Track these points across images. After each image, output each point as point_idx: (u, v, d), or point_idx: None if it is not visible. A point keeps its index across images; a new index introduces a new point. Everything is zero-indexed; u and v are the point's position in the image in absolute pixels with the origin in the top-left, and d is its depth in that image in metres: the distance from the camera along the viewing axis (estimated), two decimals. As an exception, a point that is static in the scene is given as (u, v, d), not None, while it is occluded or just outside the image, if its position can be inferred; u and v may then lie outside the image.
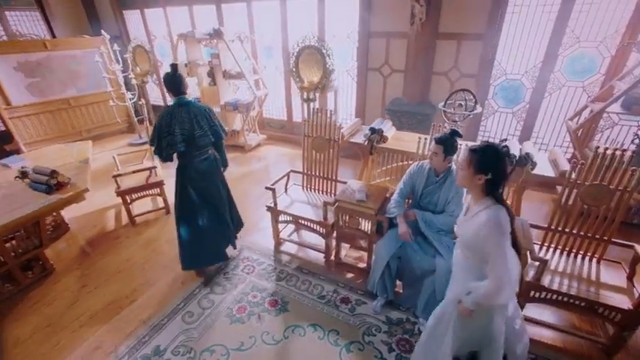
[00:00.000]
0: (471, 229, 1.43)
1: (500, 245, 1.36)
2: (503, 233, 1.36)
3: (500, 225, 1.36)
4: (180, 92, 2.29)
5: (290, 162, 4.76)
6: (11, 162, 3.14)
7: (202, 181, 2.44)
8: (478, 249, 1.43)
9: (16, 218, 2.31)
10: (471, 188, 1.48)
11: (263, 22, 4.89)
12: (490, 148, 1.40)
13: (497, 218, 1.36)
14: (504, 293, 1.36)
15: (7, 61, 4.62)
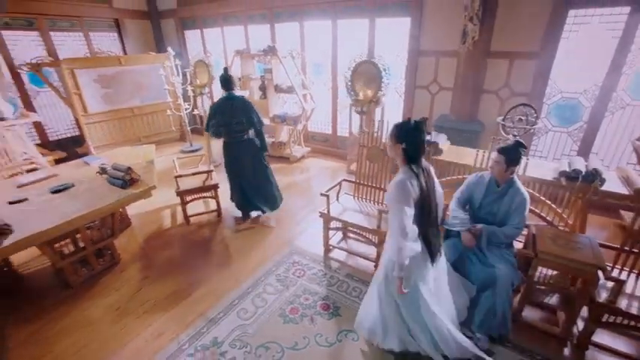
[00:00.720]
0: (388, 190, 1.70)
1: (393, 203, 1.62)
2: (399, 193, 1.60)
3: (400, 186, 1.61)
4: (229, 88, 3.10)
5: (332, 175, 4.86)
6: (90, 160, 3.47)
7: (236, 157, 3.24)
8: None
9: (99, 208, 2.55)
10: (395, 157, 1.74)
11: (314, 40, 5.14)
12: (404, 123, 1.69)
13: (403, 182, 1.61)
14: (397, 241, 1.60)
15: (89, 74, 5.17)
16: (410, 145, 1.65)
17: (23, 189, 2.90)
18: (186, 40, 6.71)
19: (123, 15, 6.19)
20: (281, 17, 5.27)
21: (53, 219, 2.38)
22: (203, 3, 5.94)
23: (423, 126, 1.66)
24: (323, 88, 5.34)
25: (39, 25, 5.27)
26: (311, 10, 4.90)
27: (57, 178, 3.13)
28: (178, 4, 6.30)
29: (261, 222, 3.59)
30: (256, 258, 3.03)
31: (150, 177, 3.05)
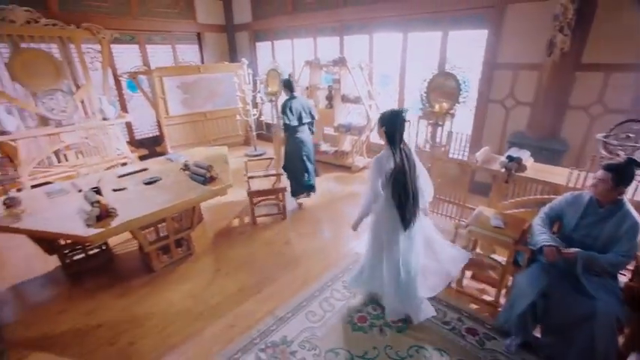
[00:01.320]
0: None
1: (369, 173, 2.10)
2: (375, 165, 2.05)
3: (376, 161, 2.06)
4: (292, 90, 3.89)
5: None
6: (173, 157, 3.79)
7: (303, 142, 3.92)
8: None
9: (184, 200, 2.77)
10: (381, 138, 2.10)
11: (382, 52, 5.17)
12: (386, 111, 2.08)
13: (379, 157, 2.06)
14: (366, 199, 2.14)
15: (173, 81, 5.73)
16: (388, 129, 2.04)
17: (122, 179, 3.25)
18: (257, 50, 7.13)
19: (204, 29, 6.78)
20: (351, 30, 5.39)
21: (147, 207, 2.63)
22: (276, 16, 6.29)
23: (400, 114, 2.03)
24: (389, 99, 5.32)
25: (139, 40, 5.98)
26: (382, 22, 4.95)
27: (147, 171, 3.46)
28: (253, 18, 6.75)
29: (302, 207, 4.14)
30: (322, 262, 3.06)
31: (226, 176, 3.25)
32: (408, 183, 2.02)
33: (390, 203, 2.07)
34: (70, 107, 4.89)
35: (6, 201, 2.68)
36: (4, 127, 4.22)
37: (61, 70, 4.85)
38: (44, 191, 3.01)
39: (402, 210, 2.05)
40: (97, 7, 5.38)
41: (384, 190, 2.07)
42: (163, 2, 6.10)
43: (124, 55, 5.88)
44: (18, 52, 4.46)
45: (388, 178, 2.02)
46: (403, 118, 2.01)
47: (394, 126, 2.01)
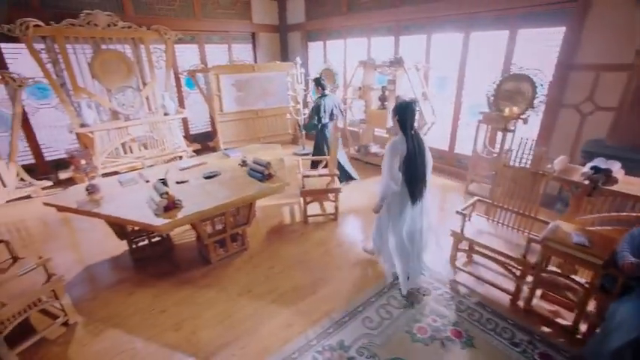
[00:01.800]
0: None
1: (385, 157, 2.31)
2: (390, 149, 2.28)
3: (391, 145, 2.28)
4: (324, 89, 4.42)
5: (446, 193, 4.58)
6: (230, 152, 3.91)
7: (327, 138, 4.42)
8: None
9: (244, 196, 2.82)
10: (394, 125, 2.36)
11: (440, 52, 4.96)
12: (401, 101, 2.35)
13: (394, 142, 2.28)
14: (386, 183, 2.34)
15: (228, 78, 5.94)
16: (401, 117, 2.31)
17: (184, 172, 3.40)
18: (309, 50, 7.18)
19: (259, 29, 6.96)
20: (408, 29, 5.24)
21: (208, 201, 2.72)
22: (330, 17, 6.29)
23: (411, 105, 2.32)
24: (445, 102, 5.09)
25: (198, 40, 6.28)
26: (442, 22, 4.74)
27: (206, 165, 3.60)
28: (306, 18, 6.80)
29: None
30: (376, 266, 2.98)
31: (283, 174, 3.27)
32: (418, 165, 2.33)
33: (402, 181, 2.37)
34: (137, 103, 5.24)
35: (88, 188, 2.91)
36: (84, 120, 4.62)
37: (132, 68, 5.21)
38: (117, 179, 3.23)
39: (412, 187, 2.37)
40: (166, 10, 5.71)
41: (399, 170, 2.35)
42: (223, 4, 6.35)
43: (184, 54, 6.20)
44: (99, 52, 4.86)
45: (402, 160, 2.30)
46: (414, 109, 2.32)
47: (406, 115, 2.30)
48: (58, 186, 4.95)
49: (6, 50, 4.55)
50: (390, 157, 2.30)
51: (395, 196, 2.42)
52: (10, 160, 4.47)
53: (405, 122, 2.29)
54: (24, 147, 4.88)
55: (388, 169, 2.31)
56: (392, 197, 2.43)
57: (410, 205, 2.41)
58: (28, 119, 4.83)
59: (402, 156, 2.28)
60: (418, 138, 2.33)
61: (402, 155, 2.28)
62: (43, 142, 5.08)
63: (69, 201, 2.81)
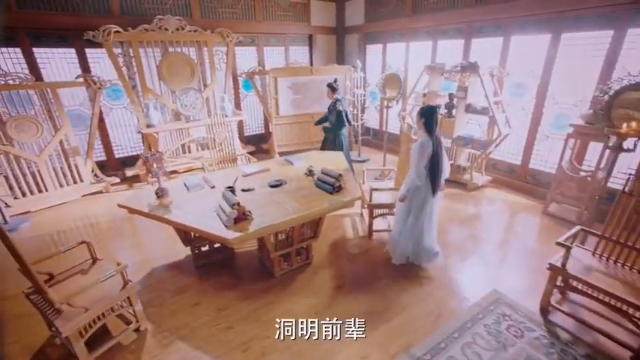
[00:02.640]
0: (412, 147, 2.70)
1: (414, 156, 2.65)
2: (420, 150, 2.60)
3: (420, 146, 2.61)
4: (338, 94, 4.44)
5: (521, 213, 4.15)
6: (293, 160, 3.79)
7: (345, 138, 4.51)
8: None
9: (315, 210, 2.66)
10: (419, 128, 2.69)
11: (518, 56, 4.49)
12: (426, 106, 2.72)
13: (423, 143, 2.60)
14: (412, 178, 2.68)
15: (285, 81, 5.89)
16: (427, 120, 2.59)
17: (248, 178, 3.33)
18: (367, 53, 6.94)
19: (316, 31, 6.85)
20: (481, 31, 4.82)
21: (276, 212, 2.60)
22: (392, 19, 6.01)
23: (436, 110, 2.62)
24: (520, 111, 4.62)
25: (257, 42, 6.30)
26: (523, 22, 4.29)
27: (269, 172, 3.50)
28: (366, 20, 6.57)
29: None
30: (455, 295, 2.71)
31: (352, 186, 3.08)
32: (440, 162, 2.66)
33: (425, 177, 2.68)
34: (198, 104, 5.34)
35: (157, 191, 2.92)
36: (151, 121, 4.77)
37: (196, 70, 5.31)
38: (183, 183, 3.23)
39: (434, 182, 2.69)
40: (229, 13, 5.78)
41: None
42: (282, 5, 6.32)
43: (242, 56, 6.25)
44: (167, 55, 5.01)
45: (428, 159, 2.61)
46: (438, 113, 2.64)
47: (432, 118, 2.60)
48: (124, 182, 5.18)
49: (89, 55, 4.82)
50: (418, 157, 2.61)
51: (419, 190, 2.72)
52: (88, 156, 4.73)
53: (432, 125, 2.60)
54: (98, 144, 5.15)
55: (416, 166, 2.63)
56: (415, 190, 2.73)
57: (431, 197, 2.74)
58: (103, 119, 5.10)
59: (428, 156, 2.59)
60: (439, 140, 2.66)
61: (429, 155, 2.59)
62: (114, 141, 5.34)
63: (140, 204, 2.83)
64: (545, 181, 4.48)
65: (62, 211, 4.36)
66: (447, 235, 3.61)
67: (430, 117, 2.59)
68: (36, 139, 4.24)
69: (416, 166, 2.65)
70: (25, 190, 4.29)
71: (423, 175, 2.67)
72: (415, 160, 2.65)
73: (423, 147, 2.59)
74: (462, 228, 3.80)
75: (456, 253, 3.31)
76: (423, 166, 2.63)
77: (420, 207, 2.80)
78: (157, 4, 5.11)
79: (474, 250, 3.38)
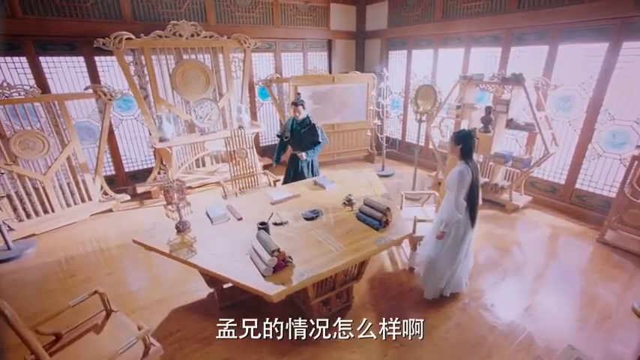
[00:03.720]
0: (449, 175, 2.45)
1: (452, 187, 2.39)
2: (460, 179, 2.35)
3: (459, 174, 2.36)
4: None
5: (564, 241, 3.78)
6: (324, 183, 3.42)
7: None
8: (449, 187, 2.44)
9: (365, 253, 2.31)
10: (454, 154, 2.49)
11: (566, 67, 4.11)
12: (462, 131, 2.52)
13: (463, 171, 2.36)
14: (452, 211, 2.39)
15: (306, 90, 5.54)
16: (465, 146, 2.40)
17: (278, 207, 2.98)
18: (390, 59, 6.56)
19: (335, 36, 6.49)
20: (522, 39, 4.44)
21: (321, 256, 2.24)
22: (419, 23, 5.64)
23: (473, 134, 2.46)
24: (566, 127, 4.23)
25: (275, 48, 5.94)
26: (576, 29, 3.90)
27: (300, 199, 3.15)
28: (389, 24, 6.20)
29: None
30: (519, 352, 2.33)
31: (398, 219, 2.71)
32: (478, 190, 2.48)
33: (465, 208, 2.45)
34: (214, 115, 4.99)
35: (178, 225, 2.58)
36: (164, 134, 4.42)
37: (211, 79, 4.96)
38: (206, 212, 2.88)
39: (474, 212, 2.51)
40: (246, 17, 5.43)
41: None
42: (301, 9, 5.96)
43: (258, 63, 5.89)
44: (181, 63, 4.66)
45: (467, 188, 2.39)
46: (475, 138, 2.47)
47: (470, 143, 2.40)
48: (135, 199, 4.84)
49: (99, 63, 4.48)
50: (458, 188, 2.36)
51: (459, 223, 2.49)
52: (97, 172, 4.39)
53: (470, 151, 2.41)
54: (107, 158, 4.82)
55: (455, 199, 2.37)
56: (455, 225, 2.49)
57: (470, 229, 2.55)
58: (113, 131, 4.76)
59: (468, 185, 2.37)
60: (475, 165, 2.44)
61: (468, 184, 2.37)
62: (124, 154, 5.00)
63: (158, 239, 2.49)
64: (594, 204, 4.11)
65: (70, 233, 4.03)
66: (488, 269, 3.24)
67: (468, 142, 2.39)
68: (42, 156, 3.90)
69: (455, 197, 2.39)
70: (30, 211, 3.96)
71: (463, 206, 2.42)
72: (454, 190, 2.39)
73: (462, 176, 2.36)
74: (506, 257, 3.43)
75: (512, 295, 2.94)
76: (462, 198, 2.39)
77: (460, 241, 2.56)
78: (171, 9, 4.77)
79: (529, 288, 3.01)
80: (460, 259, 2.65)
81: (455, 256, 2.61)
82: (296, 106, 3.69)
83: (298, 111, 3.69)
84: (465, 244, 2.60)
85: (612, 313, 2.69)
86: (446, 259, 2.63)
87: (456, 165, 2.47)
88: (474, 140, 2.45)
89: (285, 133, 3.86)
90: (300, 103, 3.69)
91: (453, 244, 2.58)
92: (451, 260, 2.62)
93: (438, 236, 2.55)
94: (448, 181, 2.47)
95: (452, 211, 2.40)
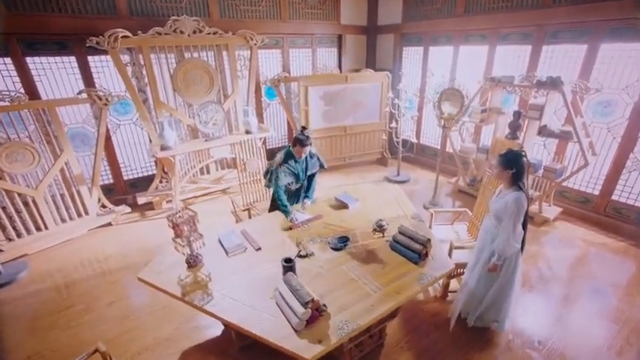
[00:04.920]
0: (501, 204, 2.17)
1: (511, 216, 2.11)
2: (518, 209, 2.09)
3: (517, 202, 2.09)
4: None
5: (603, 259, 3.49)
6: (346, 200, 3.10)
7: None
8: (502, 217, 2.17)
9: (409, 295, 2.01)
10: (502, 180, 2.24)
11: (607, 68, 3.76)
12: (511, 152, 2.17)
13: (520, 199, 2.10)
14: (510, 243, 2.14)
15: (316, 91, 5.17)
16: (518, 169, 2.13)
17: (297, 231, 2.66)
18: (403, 56, 6.17)
19: (346, 31, 6.07)
20: (557, 37, 4.08)
21: (357, 300, 1.95)
22: (437, 18, 5.24)
23: (523, 155, 2.15)
24: (605, 134, 3.92)
25: (283, 44, 5.52)
26: (622, 26, 3.55)
27: (323, 220, 2.83)
28: (403, 19, 5.79)
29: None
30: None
31: (437, 250, 2.40)
32: (528, 215, 2.21)
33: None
34: (219, 119, 4.62)
35: (189, 260, 2.26)
36: (166, 142, 4.06)
37: (215, 79, 4.58)
38: (219, 240, 2.55)
39: (524, 241, 2.27)
40: (251, 11, 5.01)
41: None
42: (310, 3, 5.54)
43: (264, 60, 5.48)
44: (182, 62, 4.26)
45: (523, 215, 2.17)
46: (525, 157, 2.17)
47: (522, 166, 2.14)
48: (135, 210, 4.50)
49: (93, 63, 4.08)
50: (517, 217, 2.12)
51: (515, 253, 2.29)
52: (93, 184, 4.03)
53: (522, 174, 2.15)
54: (104, 166, 4.45)
55: (513, 228, 2.14)
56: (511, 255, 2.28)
57: (520, 255, 2.34)
58: (110, 137, 4.38)
59: (524, 211, 2.15)
60: (526, 189, 2.20)
61: (524, 210, 2.14)
62: (122, 161, 4.63)
63: (166, 276, 2.18)
64: (633, 216, 3.82)
65: (65, 252, 3.69)
66: (524, 295, 2.97)
67: (520, 165, 2.13)
68: (32, 169, 3.54)
69: (513, 227, 2.14)
70: (21, 229, 3.61)
71: (521, 236, 2.20)
72: (513, 220, 2.13)
73: (520, 204, 2.11)
74: (542, 281, 3.15)
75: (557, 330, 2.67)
76: (520, 227, 2.16)
77: (512, 271, 2.33)
78: (171, 3, 4.34)
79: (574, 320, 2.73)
80: (513, 291, 2.41)
81: (509, 289, 2.38)
82: (304, 146, 2.81)
83: (299, 152, 2.83)
84: (517, 271, 2.35)
85: (674, 351, 2.42)
86: (496, 292, 2.39)
87: (506, 190, 2.22)
88: (525, 163, 2.16)
89: (299, 182, 3.04)
90: (302, 141, 2.80)
91: (505, 276, 2.33)
92: (503, 293, 2.40)
93: (491, 269, 2.29)
94: (500, 210, 2.20)
95: (510, 243, 2.15)
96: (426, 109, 5.85)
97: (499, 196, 2.28)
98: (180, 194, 4.53)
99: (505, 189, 2.24)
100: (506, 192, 2.21)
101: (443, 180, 5.28)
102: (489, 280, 2.38)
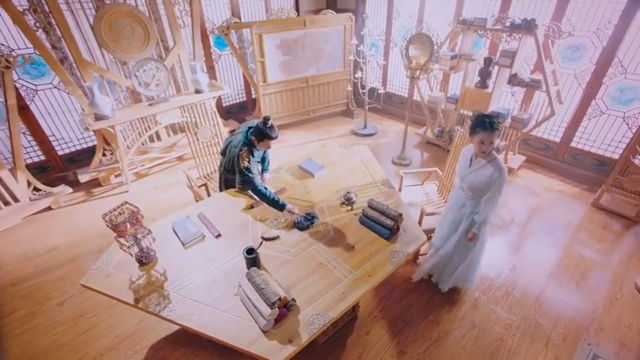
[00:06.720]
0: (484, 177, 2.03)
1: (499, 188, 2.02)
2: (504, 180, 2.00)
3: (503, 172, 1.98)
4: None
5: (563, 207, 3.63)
6: (311, 168, 2.86)
7: None
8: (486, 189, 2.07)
9: (381, 277, 1.93)
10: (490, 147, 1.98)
11: (579, 10, 3.54)
12: (493, 114, 2.02)
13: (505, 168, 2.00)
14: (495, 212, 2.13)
15: (272, 38, 4.57)
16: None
17: (260, 209, 2.44)
18: (366, -5, 5.53)
19: (301, -38, 5.28)
20: (531, -29, 3.73)
21: (328, 288, 1.85)
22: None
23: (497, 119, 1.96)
24: (572, 81, 3.84)
25: (229, -19, 4.71)
26: (597, -39, 3.27)
27: (287, 195, 2.62)
28: (366, -54, 5.08)
29: None
30: (538, 340, 2.22)
31: (409, 223, 2.30)
32: None
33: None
34: (163, 78, 4.01)
35: (140, 258, 2.01)
36: (101, 111, 3.48)
37: (151, 30, 3.87)
38: (173, 229, 2.30)
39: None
40: (185, -63, 4.10)
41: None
42: None
43: (209, 5, 4.70)
44: (103, 9, 3.49)
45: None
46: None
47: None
48: (79, 189, 4.01)
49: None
50: (503, 187, 2.04)
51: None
52: (16, 166, 3.46)
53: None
54: (28, 142, 3.82)
55: (501, 197, 2.08)
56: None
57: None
58: (26, 106, 3.68)
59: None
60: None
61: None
62: (52, 133, 3.99)
63: (117, 279, 1.94)
64: (587, 162, 3.95)
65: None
66: (492, 252, 3.07)
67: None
68: None
69: (500, 196, 2.07)
70: (-63, 226, 3.10)
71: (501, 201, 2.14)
72: (500, 190, 2.04)
73: (505, 173, 2.00)
74: (504, 230, 3.26)
75: (522, 283, 2.80)
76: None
77: (484, 234, 2.31)
78: None
79: (541, 279, 2.88)
80: (483, 253, 2.43)
81: (480, 253, 2.40)
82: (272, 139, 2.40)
83: (261, 145, 2.44)
84: (486, 235, 2.35)
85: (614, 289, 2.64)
86: (470, 258, 2.40)
87: (483, 159, 2.03)
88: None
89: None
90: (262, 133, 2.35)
91: (480, 242, 2.32)
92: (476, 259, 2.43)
93: (471, 238, 2.26)
94: (483, 183, 2.04)
95: (495, 212, 2.14)
96: (392, 54, 5.46)
97: (474, 167, 2.09)
98: (130, 167, 4.07)
99: (482, 157, 2.04)
100: (484, 161, 2.03)
101: (411, 130, 5.14)
102: (467, 249, 2.36)
